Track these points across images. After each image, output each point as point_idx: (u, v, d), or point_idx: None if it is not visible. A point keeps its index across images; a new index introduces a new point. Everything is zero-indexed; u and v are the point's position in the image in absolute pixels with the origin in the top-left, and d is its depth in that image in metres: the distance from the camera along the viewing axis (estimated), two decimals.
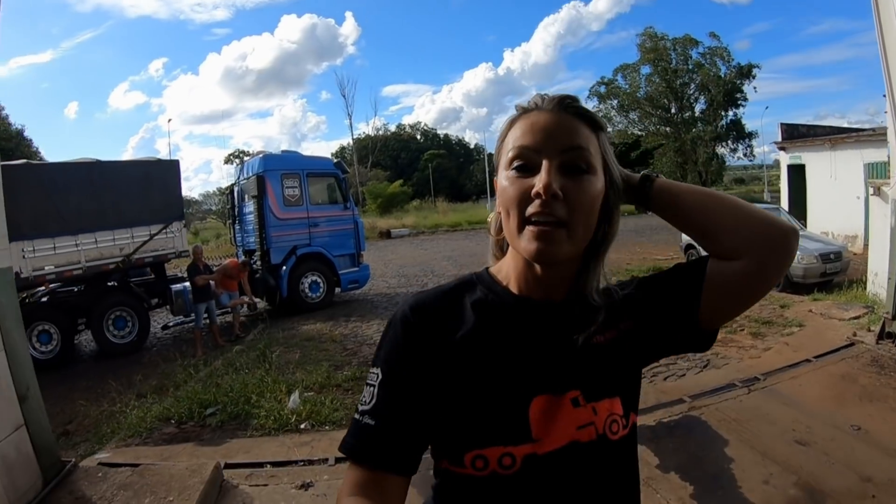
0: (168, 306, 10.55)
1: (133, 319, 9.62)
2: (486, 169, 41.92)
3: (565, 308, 0.97)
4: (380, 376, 0.93)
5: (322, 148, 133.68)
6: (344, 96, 57.87)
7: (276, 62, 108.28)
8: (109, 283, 9.83)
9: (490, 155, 47.36)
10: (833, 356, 5.38)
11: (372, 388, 0.93)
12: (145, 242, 9.93)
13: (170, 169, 10.99)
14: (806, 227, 13.79)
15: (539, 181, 0.84)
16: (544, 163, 0.86)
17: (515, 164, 0.89)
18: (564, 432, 0.89)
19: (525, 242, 0.87)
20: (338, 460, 4.01)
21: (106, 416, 5.92)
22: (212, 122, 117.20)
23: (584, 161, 0.88)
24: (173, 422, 5.43)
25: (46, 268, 8.62)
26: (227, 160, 51.06)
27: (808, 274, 9.86)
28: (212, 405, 5.60)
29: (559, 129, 0.89)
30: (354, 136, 51.44)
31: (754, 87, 45.20)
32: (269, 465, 4.12)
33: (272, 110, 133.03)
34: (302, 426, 4.87)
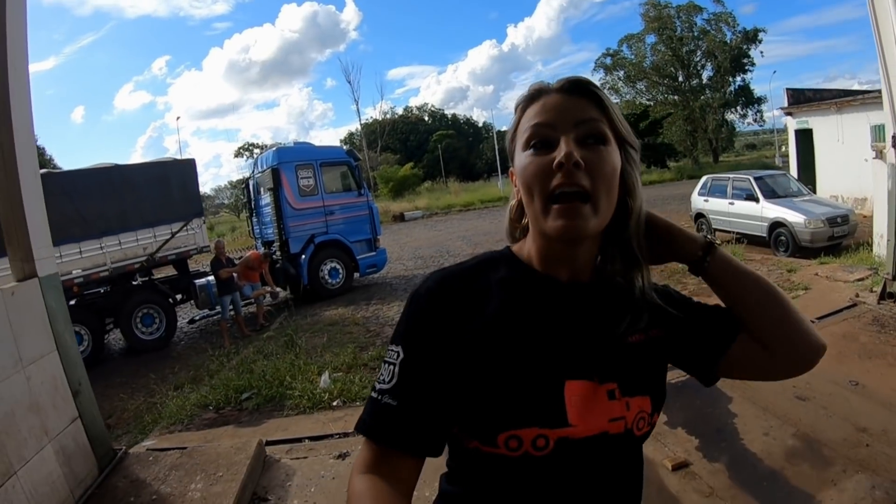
0: (193, 301, 10.94)
1: (160, 316, 10.00)
2: (496, 147, 41.87)
3: (592, 290, 0.97)
4: (401, 355, 0.92)
5: (330, 135, 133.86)
6: (349, 82, 58.15)
7: (280, 52, 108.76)
8: (134, 283, 10.13)
9: (500, 132, 47.38)
10: (835, 317, 5.59)
11: (392, 367, 0.92)
12: (167, 241, 10.25)
13: (187, 168, 11.27)
14: (815, 191, 13.80)
15: (560, 151, 0.85)
16: (562, 136, 0.87)
17: (533, 142, 0.90)
18: (598, 422, 0.89)
19: (551, 221, 0.87)
20: None
21: (146, 408, 6.31)
22: (219, 115, 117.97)
23: (598, 132, 0.89)
24: (211, 408, 5.74)
25: (74, 272, 8.91)
26: (238, 153, 51.61)
27: (816, 238, 9.99)
28: (247, 390, 5.91)
29: (571, 105, 0.90)
30: (362, 122, 51.59)
31: (761, 52, 44.93)
32: (307, 440, 4.44)
33: (278, 101, 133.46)
34: (334, 403, 5.20)
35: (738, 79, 45.84)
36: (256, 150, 49.61)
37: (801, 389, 4.05)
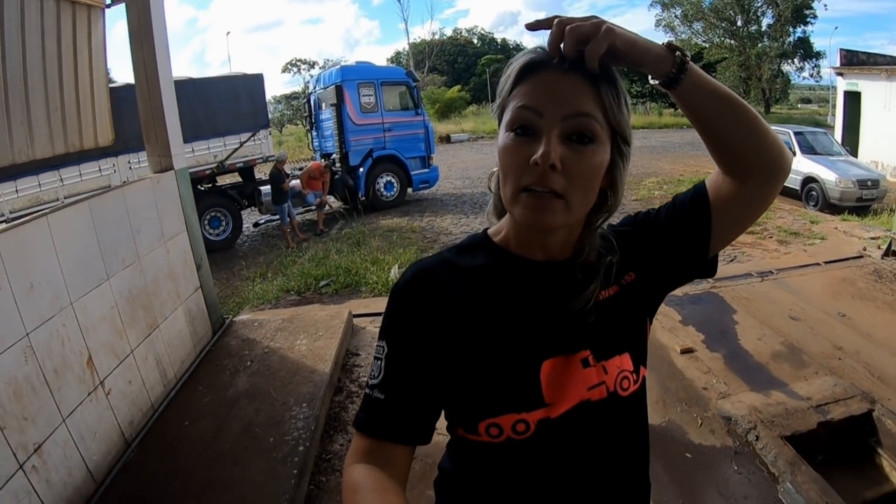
0: (257, 207, 11.65)
1: (227, 219, 10.72)
2: None
3: (568, 267, 0.96)
4: (386, 349, 0.93)
5: (376, 53, 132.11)
6: (399, 1, 56.97)
7: None
8: (201, 188, 10.68)
9: None
10: (841, 264, 6.32)
11: (380, 362, 0.93)
12: (236, 149, 10.94)
13: (255, 82, 11.86)
14: (856, 154, 14.08)
15: (539, 149, 0.81)
16: (546, 130, 0.82)
17: (516, 126, 0.85)
18: (575, 393, 0.90)
19: (520, 209, 0.85)
20: None
21: (231, 292, 7.20)
22: (262, 31, 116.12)
23: (588, 130, 0.83)
24: (293, 293, 6.71)
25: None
26: (285, 69, 51.46)
27: (845, 197, 10.48)
28: (325, 278, 6.91)
29: (565, 92, 0.83)
30: (410, 42, 51.10)
31: (825, 5, 43.08)
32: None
33: (323, 17, 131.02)
34: None
35: (799, 30, 43.86)
36: (304, 66, 49.76)
37: (795, 312, 4.93)
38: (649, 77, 0.88)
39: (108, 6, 4.05)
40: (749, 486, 2.94)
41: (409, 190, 13.11)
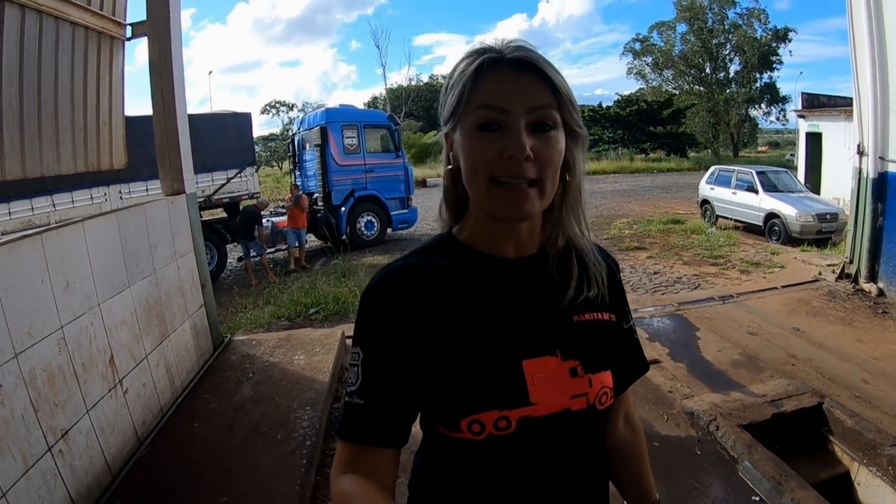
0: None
1: (212, 252, 10.74)
2: None
3: (538, 262, 0.99)
4: (361, 355, 0.93)
5: (353, 97, 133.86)
6: (377, 47, 58.53)
7: (306, 10, 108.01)
8: None
9: None
10: (798, 287, 6.78)
11: (356, 369, 0.93)
12: (223, 185, 11.27)
13: (244, 120, 12.43)
14: (819, 192, 14.76)
15: (512, 142, 0.84)
16: (515, 124, 0.85)
17: (482, 124, 0.87)
18: (559, 399, 0.91)
19: (495, 201, 0.88)
20: None
21: (223, 318, 7.16)
22: (241, 71, 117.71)
23: (550, 119, 0.87)
24: (284, 319, 6.98)
25: None
26: (264, 110, 52.30)
27: (805, 230, 11.07)
28: (314, 306, 7.19)
29: (525, 86, 0.87)
30: (387, 87, 52.20)
31: (790, 51, 45.07)
32: None
33: (301, 59, 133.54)
34: None
35: (765, 76, 46.12)
36: (283, 109, 50.55)
37: (753, 328, 5.34)
38: None
39: (129, 39, 4.38)
40: (712, 467, 3.27)
41: (389, 230, 13.51)
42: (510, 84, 0.87)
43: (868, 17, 6.03)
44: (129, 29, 4.40)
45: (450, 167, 0.98)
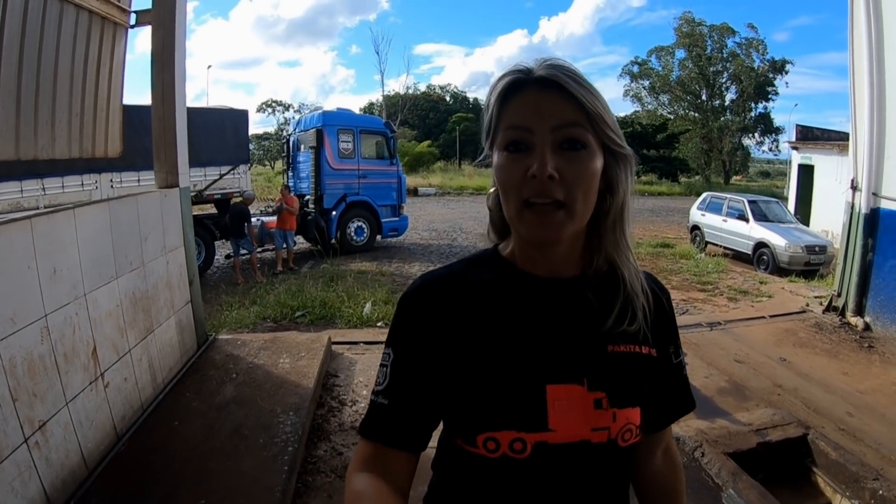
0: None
1: (200, 248, 10.38)
2: None
3: (577, 286, 0.95)
4: (392, 356, 0.94)
5: (350, 101, 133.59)
6: (377, 53, 58.69)
7: (309, 12, 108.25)
8: None
9: None
10: (785, 317, 6.83)
11: (385, 369, 0.94)
12: (216, 181, 11.12)
13: (240, 117, 12.31)
14: (809, 224, 14.85)
15: (534, 161, 0.83)
16: (539, 144, 0.84)
17: (510, 144, 0.87)
18: (579, 430, 0.88)
19: (525, 225, 0.87)
20: None
21: (207, 315, 7.01)
22: (240, 68, 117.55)
23: (577, 137, 0.85)
24: (269, 320, 6.94)
25: None
26: (261, 108, 52.19)
27: (794, 261, 11.08)
28: (300, 309, 7.15)
29: (549, 105, 0.85)
30: (384, 94, 52.32)
31: (786, 83, 45.56)
32: (362, 343, 5.68)
33: (301, 60, 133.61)
34: (379, 324, 6.48)
35: (761, 106, 46.42)
36: (279, 108, 50.53)
37: (741, 356, 5.36)
38: None
39: (132, 27, 4.34)
40: (696, 495, 3.24)
41: (379, 237, 13.44)
42: (534, 103, 0.86)
43: (869, 55, 6.12)
44: (133, 16, 4.37)
45: (493, 189, 0.99)
